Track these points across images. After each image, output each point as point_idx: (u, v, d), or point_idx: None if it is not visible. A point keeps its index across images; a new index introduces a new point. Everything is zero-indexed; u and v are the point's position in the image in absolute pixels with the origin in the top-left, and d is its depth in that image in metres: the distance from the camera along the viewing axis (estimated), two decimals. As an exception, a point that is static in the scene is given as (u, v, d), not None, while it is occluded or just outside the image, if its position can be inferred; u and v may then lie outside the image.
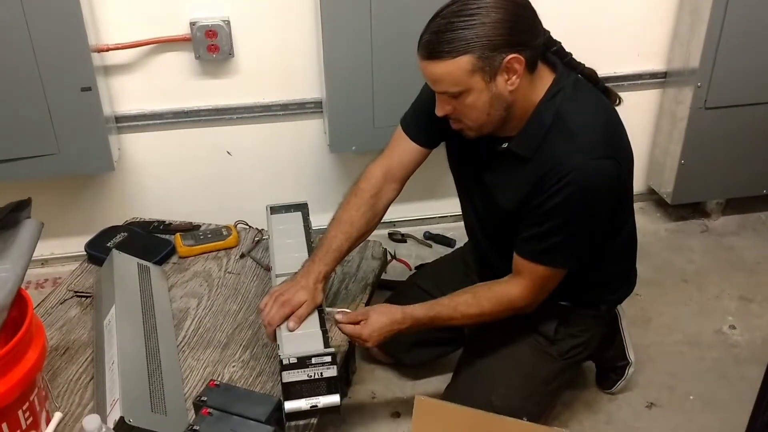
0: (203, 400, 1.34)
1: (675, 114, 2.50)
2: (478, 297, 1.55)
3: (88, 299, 1.75)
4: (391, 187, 1.67)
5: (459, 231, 2.44)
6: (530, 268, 1.50)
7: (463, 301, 1.55)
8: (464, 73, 1.33)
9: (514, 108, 1.41)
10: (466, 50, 1.30)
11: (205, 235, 1.96)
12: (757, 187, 2.65)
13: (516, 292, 1.53)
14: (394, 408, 1.89)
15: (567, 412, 1.88)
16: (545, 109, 1.42)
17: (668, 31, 2.48)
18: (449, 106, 1.41)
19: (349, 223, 1.61)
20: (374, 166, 1.67)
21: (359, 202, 1.63)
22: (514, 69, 1.34)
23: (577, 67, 1.52)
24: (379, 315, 1.50)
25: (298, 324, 1.46)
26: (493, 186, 1.56)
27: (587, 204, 1.41)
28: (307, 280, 1.51)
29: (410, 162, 1.66)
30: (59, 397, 1.45)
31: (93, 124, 2.11)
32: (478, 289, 1.57)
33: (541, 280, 1.51)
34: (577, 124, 1.41)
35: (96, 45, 2.12)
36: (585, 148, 1.39)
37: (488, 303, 1.54)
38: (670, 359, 2.06)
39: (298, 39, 2.27)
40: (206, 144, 2.41)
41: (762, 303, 2.27)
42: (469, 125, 1.44)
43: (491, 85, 1.35)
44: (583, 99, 1.46)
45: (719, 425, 1.82)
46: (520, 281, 1.52)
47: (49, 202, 2.36)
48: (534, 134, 1.43)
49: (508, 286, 1.54)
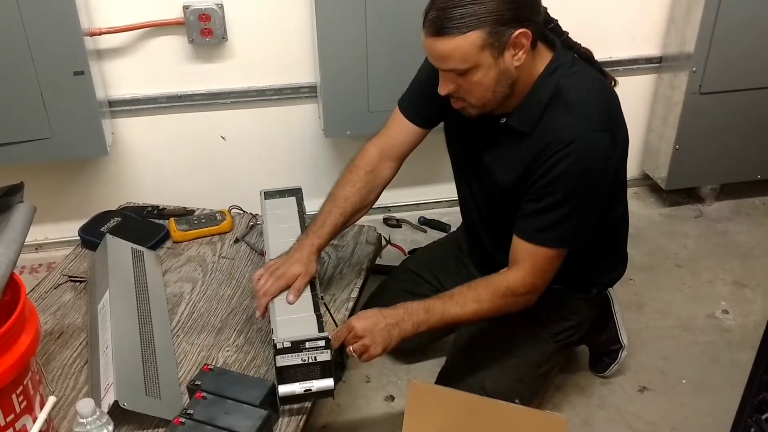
0: (197, 384, 1.34)
1: (670, 99, 2.50)
2: (473, 287, 1.49)
3: (82, 284, 1.75)
4: (388, 165, 1.66)
5: (454, 216, 2.45)
6: (529, 250, 1.46)
7: (458, 292, 1.49)
8: (474, 48, 1.31)
9: (517, 84, 1.41)
10: (477, 25, 1.29)
11: (199, 219, 1.95)
12: (751, 173, 2.65)
13: (515, 278, 1.48)
14: (388, 392, 1.90)
15: (560, 395, 1.89)
16: (544, 84, 1.42)
17: (664, 15, 2.47)
18: (453, 85, 1.40)
19: (344, 198, 1.61)
20: (370, 144, 1.67)
21: (354, 178, 1.63)
22: (522, 44, 1.33)
23: (573, 46, 1.52)
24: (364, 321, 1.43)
25: (296, 296, 1.47)
26: (491, 163, 1.55)
27: (587, 175, 1.40)
28: (301, 253, 1.51)
29: (407, 141, 1.65)
30: (53, 382, 1.45)
31: (86, 109, 2.10)
32: (472, 282, 1.51)
33: (541, 263, 1.47)
34: (575, 98, 1.41)
35: (88, 29, 2.10)
36: (584, 120, 1.39)
37: (485, 292, 1.47)
38: (663, 343, 2.07)
39: (292, 23, 2.26)
40: (200, 128, 2.40)
41: (755, 288, 2.28)
42: (472, 103, 1.43)
43: (499, 60, 1.34)
44: (582, 75, 1.45)
45: (711, 409, 1.83)
46: (518, 267, 1.48)
47: (42, 186, 2.35)
48: (533, 109, 1.43)
49: (507, 274, 1.49)
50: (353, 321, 1.44)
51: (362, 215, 1.67)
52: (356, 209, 1.62)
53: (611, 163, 1.43)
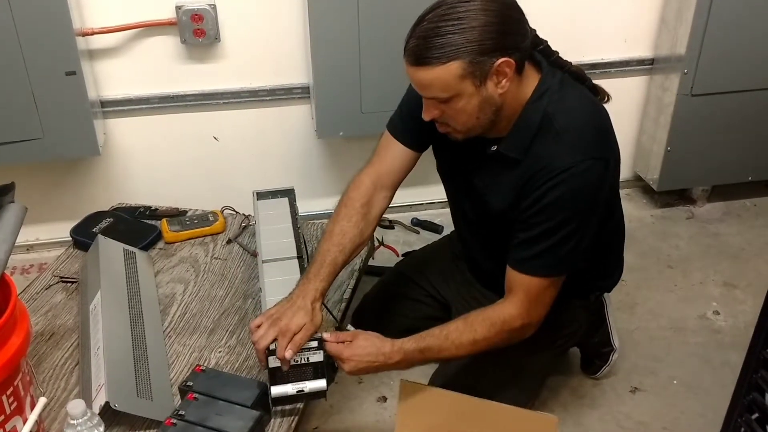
0: (189, 385, 1.34)
1: (661, 101, 2.51)
2: (469, 322, 1.45)
3: (73, 285, 1.75)
4: (382, 196, 1.61)
5: (446, 217, 2.44)
6: (522, 281, 1.44)
7: (454, 329, 1.44)
8: (454, 78, 1.28)
9: (503, 110, 1.38)
10: (457, 56, 1.26)
11: (191, 220, 1.95)
12: (743, 174, 2.67)
13: (510, 311, 1.44)
14: (380, 393, 1.90)
15: (551, 396, 1.90)
16: (533, 110, 1.39)
17: (655, 17, 2.48)
18: (437, 111, 1.37)
19: (341, 234, 1.53)
20: (363, 175, 1.60)
21: (350, 212, 1.56)
22: (504, 72, 1.31)
23: (564, 65, 1.49)
24: (366, 341, 1.42)
25: (294, 351, 1.35)
26: (483, 189, 1.53)
27: (578, 203, 1.38)
28: (304, 300, 1.40)
29: (400, 167, 1.60)
30: (44, 383, 1.45)
31: (78, 109, 2.10)
32: (469, 315, 1.47)
33: (535, 293, 1.44)
34: (564, 125, 1.37)
35: (80, 29, 2.10)
36: (572, 150, 1.36)
37: (481, 327, 1.44)
38: (655, 344, 2.07)
39: (285, 24, 2.26)
40: (192, 129, 2.40)
41: (746, 289, 2.29)
42: (457, 129, 1.41)
43: (481, 89, 1.31)
44: (570, 98, 1.42)
45: (702, 409, 1.84)
46: (513, 298, 1.45)
47: (34, 187, 2.34)
48: (522, 136, 1.40)
49: (501, 307, 1.46)
50: (360, 339, 1.42)
51: (361, 250, 1.61)
52: (355, 244, 1.54)
53: (603, 189, 1.41)
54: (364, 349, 1.40)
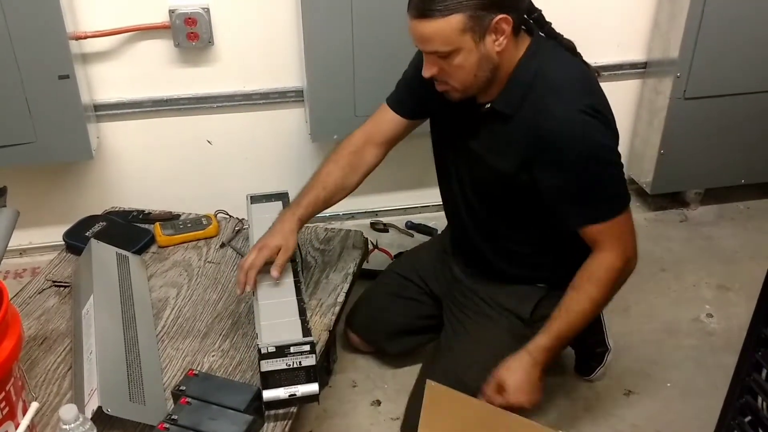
0: (182, 390, 1.34)
1: (654, 104, 2.52)
2: (579, 288, 1.52)
3: (66, 289, 1.74)
4: (372, 151, 1.70)
5: (441, 220, 2.44)
6: (600, 230, 1.48)
7: (570, 300, 1.52)
8: (455, 32, 1.33)
9: (499, 70, 1.43)
10: (458, 9, 1.31)
11: (184, 224, 1.95)
12: (736, 177, 2.67)
13: (607, 259, 1.50)
14: (374, 397, 1.90)
15: (545, 399, 1.89)
16: (525, 66, 1.45)
17: (648, 21, 2.49)
18: (436, 67, 1.42)
19: (326, 173, 1.66)
20: (357, 131, 1.73)
21: (337, 157, 1.69)
22: (502, 29, 1.36)
23: (556, 36, 1.54)
24: (513, 373, 1.51)
25: (278, 272, 1.50)
26: (482, 151, 1.56)
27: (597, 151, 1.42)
28: (281, 225, 1.57)
29: (391, 130, 1.70)
30: (37, 387, 1.44)
31: (71, 113, 2.09)
32: (575, 281, 1.53)
33: (618, 232, 1.50)
34: (559, 78, 1.44)
35: (74, 32, 2.09)
36: (572, 102, 1.40)
37: (591, 286, 1.51)
38: (648, 347, 2.08)
39: (278, 27, 2.26)
40: (186, 133, 2.40)
41: (739, 292, 2.30)
42: (455, 86, 1.45)
43: (480, 45, 1.37)
44: (561, 59, 1.49)
45: (696, 412, 1.84)
46: (602, 247, 1.50)
47: (27, 191, 2.33)
48: (515, 92, 1.45)
49: (598, 259, 1.51)
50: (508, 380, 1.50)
51: (344, 195, 1.69)
52: (338, 186, 1.66)
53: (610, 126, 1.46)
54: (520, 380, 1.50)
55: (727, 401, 1.31)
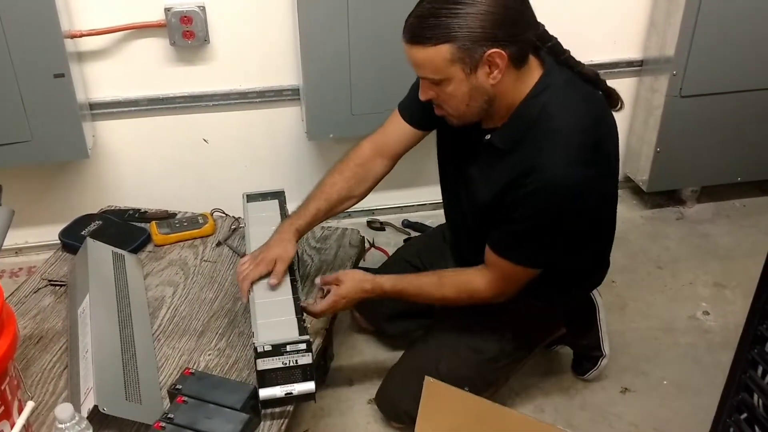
0: (178, 389, 1.33)
1: (651, 102, 2.52)
2: (442, 282, 1.57)
3: (62, 288, 1.74)
4: (380, 162, 1.68)
5: (437, 219, 2.45)
6: (497, 261, 1.49)
7: (427, 282, 1.58)
8: (443, 61, 1.31)
9: (498, 101, 1.39)
10: (447, 39, 1.28)
11: (180, 223, 1.94)
12: (732, 175, 2.68)
13: (480, 284, 1.53)
14: (371, 395, 1.90)
15: (542, 396, 1.90)
16: (530, 105, 1.40)
17: (644, 19, 2.49)
18: (432, 92, 1.41)
19: (330, 185, 1.64)
20: (365, 141, 1.70)
21: (343, 168, 1.66)
22: (496, 63, 1.31)
23: (575, 66, 1.48)
24: (350, 281, 1.56)
25: (277, 280, 1.51)
26: (474, 178, 1.55)
27: (557, 210, 1.38)
28: (280, 236, 1.56)
29: (401, 141, 1.67)
30: (32, 386, 1.44)
31: (66, 111, 2.09)
32: (444, 274, 1.59)
33: (508, 275, 1.50)
34: (561, 125, 1.37)
35: (69, 31, 2.09)
36: (564, 151, 1.36)
37: (450, 289, 1.57)
38: (645, 345, 2.08)
39: (274, 25, 2.26)
40: (182, 131, 2.39)
41: (735, 289, 2.30)
42: (450, 113, 1.43)
43: (471, 77, 1.33)
44: (573, 97, 1.42)
45: (692, 409, 1.85)
46: (486, 273, 1.53)
47: (22, 190, 2.33)
48: (516, 129, 1.41)
49: (474, 276, 1.54)
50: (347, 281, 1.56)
51: (349, 206, 1.68)
52: (342, 197, 1.64)
53: (590, 195, 1.40)
54: (349, 290, 1.55)
55: (723, 398, 1.31)
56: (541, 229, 1.42)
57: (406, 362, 1.77)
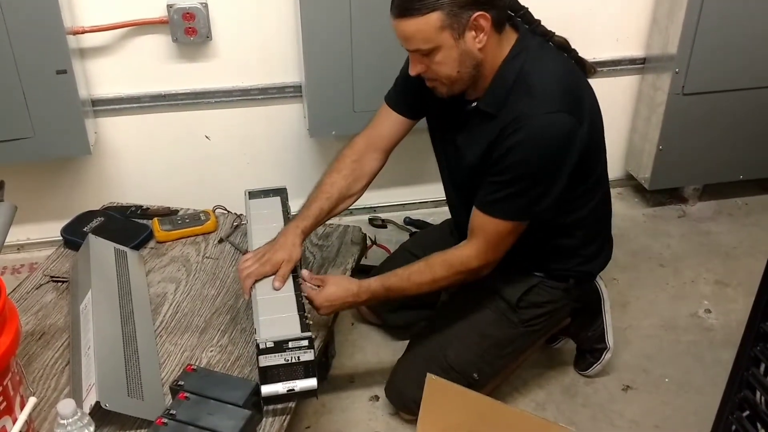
0: (180, 385, 1.34)
1: (653, 100, 2.52)
2: (430, 264, 1.58)
3: (64, 284, 1.74)
4: (374, 156, 1.72)
5: (439, 216, 2.45)
6: (483, 222, 1.52)
7: (416, 270, 1.59)
8: (434, 29, 1.37)
9: (484, 66, 1.46)
10: (435, 7, 1.35)
11: (183, 219, 1.94)
12: (734, 173, 2.67)
13: (468, 253, 1.55)
14: (373, 392, 1.90)
15: (544, 394, 1.90)
16: (508, 68, 1.47)
17: (647, 16, 2.49)
18: (422, 65, 1.46)
19: (330, 184, 1.67)
20: (358, 137, 1.73)
21: (341, 166, 1.69)
22: (481, 26, 1.39)
23: (546, 34, 1.56)
24: (334, 285, 1.56)
25: (282, 283, 1.51)
26: (462, 144, 1.60)
27: (539, 157, 1.44)
28: (285, 238, 1.56)
29: (392, 132, 1.71)
30: (34, 382, 1.44)
31: (69, 108, 2.09)
32: (431, 257, 1.60)
33: (493, 235, 1.53)
34: (536, 81, 1.45)
35: (71, 27, 2.09)
36: (541, 102, 1.43)
37: (440, 267, 1.57)
38: (646, 342, 2.08)
39: (276, 22, 2.26)
40: (184, 128, 2.39)
41: (737, 287, 2.30)
42: (442, 81, 1.48)
43: (460, 41, 1.40)
44: (547, 59, 1.51)
45: (694, 407, 1.85)
46: (472, 241, 1.55)
47: (24, 186, 2.33)
48: (498, 92, 1.48)
49: (461, 249, 1.57)
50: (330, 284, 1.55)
51: (349, 204, 1.71)
52: (342, 196, 1.67)
53: (572, 144, 1.45)
54: (334, 294, 1.54)
55: (725, 396, 1.31)
56: (525, 178, 1.46)
57: (413, 351, 1.79)
